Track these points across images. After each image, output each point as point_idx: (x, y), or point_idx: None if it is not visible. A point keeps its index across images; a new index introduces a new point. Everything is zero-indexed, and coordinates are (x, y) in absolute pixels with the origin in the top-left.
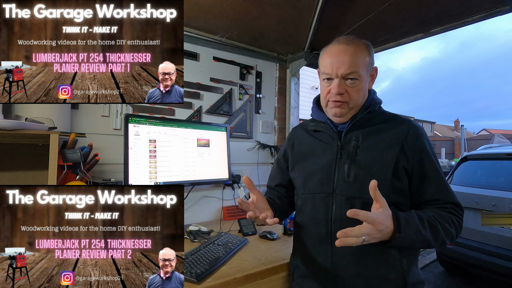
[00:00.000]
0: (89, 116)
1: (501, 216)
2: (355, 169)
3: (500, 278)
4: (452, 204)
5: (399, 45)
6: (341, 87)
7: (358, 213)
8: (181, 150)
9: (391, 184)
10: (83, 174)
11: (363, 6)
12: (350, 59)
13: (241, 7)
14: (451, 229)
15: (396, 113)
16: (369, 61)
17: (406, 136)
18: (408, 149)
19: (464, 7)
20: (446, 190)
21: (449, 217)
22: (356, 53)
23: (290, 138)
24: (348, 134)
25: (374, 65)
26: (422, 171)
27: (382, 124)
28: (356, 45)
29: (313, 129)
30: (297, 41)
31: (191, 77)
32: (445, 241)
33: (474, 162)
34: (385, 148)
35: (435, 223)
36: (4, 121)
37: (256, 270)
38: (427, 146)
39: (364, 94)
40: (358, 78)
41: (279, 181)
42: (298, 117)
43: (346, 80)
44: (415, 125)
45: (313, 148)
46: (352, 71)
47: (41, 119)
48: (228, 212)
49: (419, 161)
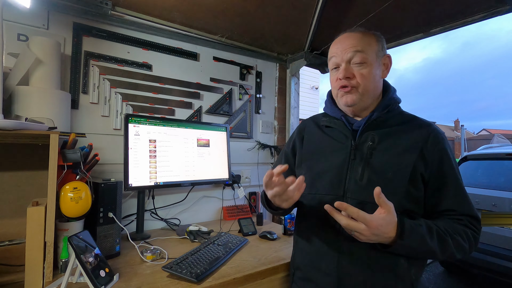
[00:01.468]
0: (89, 116)
1: (501, 216)
2: (369, 172)
3: (500, 278)
4: (468, 216)
5: (399, 45)
6: (347, 71)
7: (347, 208)
8: (181, 150)
9: (406, 191)
10: (83, 174)
11: (363, 6)
12: (356, 42)
13: (241, 7)
14: (464, 244)
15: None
16: (378, 47)
17: (427, 141)
18: (427, 155)
19: (464, 7)
20: (463, 201)
21: (463, 230)
22: (361, 38)
23: (300, 131)
24: (364, 134)
25: (387, 53)
26: (440, 179)
27: (400, 126)
28: (362, 32)
29: (325, 124)
30: (297, 41)
31: (191, 77)
32: (454, 255)
33: (474, 162)
34: (403, 153)
35: (445, 235)
36: (4, 121)
37: (256, 270)
38: (449, 152)
39: (375, 80)
40: (365, 62)
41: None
42: (298, 117)
43: (353, 65)
44: (436, 129)
45: (324, 146)
46: (358, 51)
47: (41, 119)
48: (228, 212)
49: (439, 168)
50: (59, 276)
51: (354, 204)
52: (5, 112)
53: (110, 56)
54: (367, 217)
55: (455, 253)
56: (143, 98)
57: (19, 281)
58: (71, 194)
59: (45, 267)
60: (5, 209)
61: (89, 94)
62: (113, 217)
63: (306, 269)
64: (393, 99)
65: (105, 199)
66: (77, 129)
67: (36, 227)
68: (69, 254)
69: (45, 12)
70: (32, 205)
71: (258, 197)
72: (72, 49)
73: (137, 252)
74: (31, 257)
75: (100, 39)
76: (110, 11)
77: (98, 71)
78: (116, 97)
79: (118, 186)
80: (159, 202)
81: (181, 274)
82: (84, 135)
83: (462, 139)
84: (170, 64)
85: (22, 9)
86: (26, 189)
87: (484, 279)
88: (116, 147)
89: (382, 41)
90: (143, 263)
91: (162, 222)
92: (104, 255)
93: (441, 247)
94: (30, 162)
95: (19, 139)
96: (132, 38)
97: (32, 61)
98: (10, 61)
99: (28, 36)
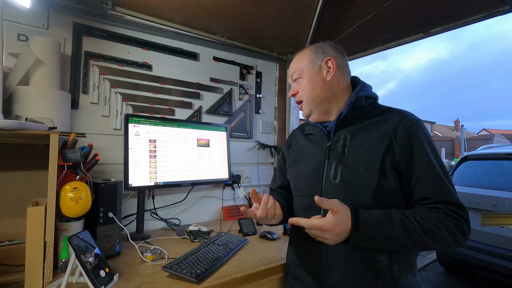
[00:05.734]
0: (89, 116)
1: (501, 216)
2: (342, 169)
3: (500, 278)
4: (448, 203)
5: (399, 45)
6: (292, 90)
7: (297, 221)
8: (181, 150)
9: (378, 185)
10: (83, 174)
11: (363, 6)
12: (292, 65)
13: (241, 7)
14: (440, 233)
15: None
16: (312, 56)
17: (396, 129)
18: (396, 145)
19: (464, 7)
20: (440, 188)
21: (437, 217)
22: (297, 58)
23: (288, 140)
24: (337, 133)
25: (327, 56)
26: (411, 166)
27: (373, 119)
28: (300, 52)
29: (308, 132)
30: (297, 41)
31: (191, 77)
32: (430, 245)
33: (474, 162)
34: (373, 146)
35: (411, 223)
36: (4, 121)
37: (256, 270)
38: (422, 138)
39: (319, 86)
40: (301, 76)
41: (280, 183)
42: (298, 117)
43: (295, 82)
44: (408, 116)
45: (305, 150)
46: (293, 72)
47: (41, 119)
48: (228, 212)
49: (409, 155)
50: (59, 276)
51: None
52: (5, 112)
53: (110, 56)
54: (318, 223)
55: (429, 243)
56: (143, 98)
57: (19, 281)
58: (71, 194)
59: (45, 267)
60: (5, 209)
61: (89, 94)
62: (113, 217)
63: (294, 268)
64: (361, 95)
65: (105, 199)
66: (77, 129)
67: (36, 227)
68: (69, 254)
69: (45, 12)
70: (32, 205)
71: None
72: (72, 49)
73: (137, 252)
74: (31, 257)
75: (100, 39)
76: (110, 11)
77: (98, 71)
78: (116, 97)
79: (118, 186)
80: (159, 202)
81: (181, 274)
82: (84, 135)
83: (462, 139)
84: (170, 64)
85: (22, 9)
86: (26, 189)
87: (484, 279)
88: (116, 147)
89: (320, 48)
90: (143, 263)
91: (162, 222)
92: (104, 255)
93: (407, 236)
94: (30, 162)
95: (19, 139)
96: (132, 38)
97: (32, 61)
98: (10, 61)
99: (28, 36)
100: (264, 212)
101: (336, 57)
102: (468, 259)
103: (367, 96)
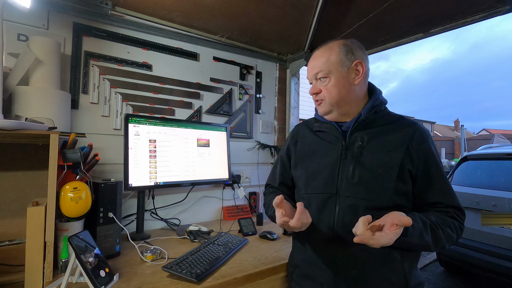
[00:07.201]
0: (89, 116)
1: (501, 216)
2: (359, 170)
3: (500, 278)
4: (454, 208)
5: (399, 45)
6: (314, 88)
7: (367, 242)
8: (181, 150)
9: (395, 187)
10: (83, 174)
11: (363, 6)
12: (317, 62)
13: (241, 7)
14: (453, 234)
15: (401, 113)
16: (340, 56)
17: (412, 139)
18: (413, 152)
19: (464, 7)
20: (449, 194)
21: (451, 221)
22: (322, 55)
23: (293, 135)
24: (353, 134)
25: (357, 59)
26: (427, 174)
27: (387, 126)
28: (326, 47)
29: (317, 129)
30: (297, 41)
31: (191, 77)
32: (445, 246)
33: (474, 162)
34: (391, 151)
35: (437, 229)
36: (4, 121)
37: (256, 270)
38: (433, 149)
39: (345, 89)
40: (327, 76)
41: (282, 180)
42: (298, 117)
43: (319, 80)
44: (420, 128)
45: (317, 147)
46: (319, 71)
47: (41, 119)
48: (228, 212)
49: (425, 164)
50: (59, 276)
51: (347, 201)
52: (5, 112)
53: (110, 56)
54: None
55: (445, 244)
56: (143, 98)
57: (19, 281)
58: (71, 194)
59: (45, 267)
60: (5, 209)
61: (89, 94)
62: (113, 217)
63: (304, 266)
64: (379, 100)
65: (105, 199)
66: (77, 129)
67: (36, 227)
68: (69, 254)
69: (45, 12)
70: (32, 205)
71: (258, 197)
72: (72, 49)
73: (137, 252)
74: (31, 257)
75: (100, 39)
76: (110, 11)
77: (98, 71)
78: (116, 97)
79: (118, 186)
80: (159, 202)
81: (181, 274)
82: (84, 135)
83: (462, 139)
84: (170, 64)
85: (22, 9)
86: (26, 189)
87: (484, 279)
88: (116, 147)
89: (348, 48)
90: (143, 263)
91: (162, 222)
92: (104, 255)
93: (434, 240)
94: (30, 162)
95: (19, 139)
96: (132, 38)
97: (32, 61)
98: (10, 61)
99: (28, 36)
100: (299, 222)
101: (364, 61)
102: (468, 259)
103: (384, 102)
